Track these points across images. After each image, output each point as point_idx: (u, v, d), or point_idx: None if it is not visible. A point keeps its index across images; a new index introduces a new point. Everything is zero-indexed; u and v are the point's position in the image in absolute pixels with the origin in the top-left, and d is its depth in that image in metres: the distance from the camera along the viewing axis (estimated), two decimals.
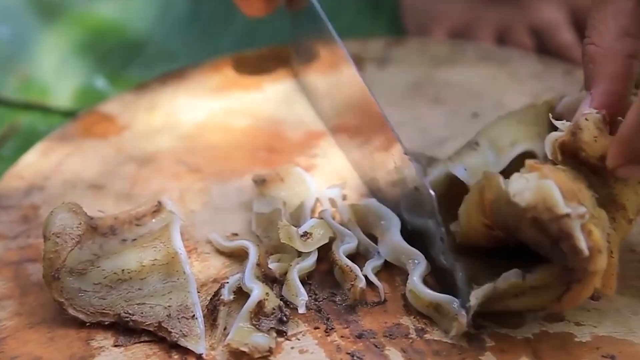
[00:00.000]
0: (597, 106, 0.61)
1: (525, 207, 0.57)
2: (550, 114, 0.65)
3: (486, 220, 0.61)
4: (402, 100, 0.83)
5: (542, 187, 0.57)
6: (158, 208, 0.69)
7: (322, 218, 0.68)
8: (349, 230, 0.68)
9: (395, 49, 0.92)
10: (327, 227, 0.67)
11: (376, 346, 0.61)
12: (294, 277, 0.64)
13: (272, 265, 0.65)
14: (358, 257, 0.68)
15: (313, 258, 0.66)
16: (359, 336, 0.62)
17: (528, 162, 0.60)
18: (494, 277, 0.60)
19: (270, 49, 0.92)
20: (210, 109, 0.85)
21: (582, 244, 0.56)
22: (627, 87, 0.61)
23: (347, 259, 0.65)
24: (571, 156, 0.61)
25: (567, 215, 0.56)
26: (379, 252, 0.67)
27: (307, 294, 0.64)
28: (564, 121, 0.63)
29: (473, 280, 0.61)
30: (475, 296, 0.60)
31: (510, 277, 0.60)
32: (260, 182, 0.72)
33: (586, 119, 0.61)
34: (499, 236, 0.62)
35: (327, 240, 0.67)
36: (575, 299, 0.60)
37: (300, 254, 0.66)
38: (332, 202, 0.72)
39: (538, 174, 0.59)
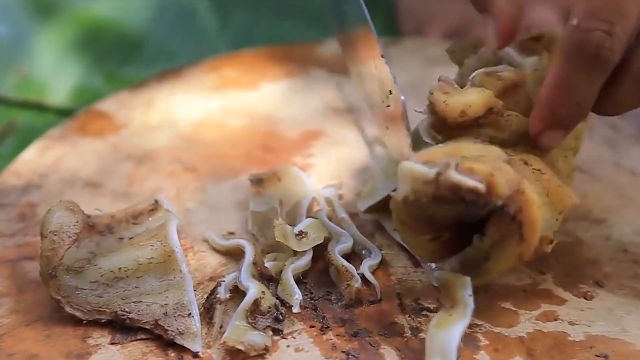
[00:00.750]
0: (501, 25, 0.63)
1: (406, 198, 0.59)
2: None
3: (425, 235, 0.62)
4: None
5: (405, 172, 0.59)
6: (155, 207, 0.69)
7: (317, 218, 0.68)
8: (344, 230, 0.69)
9: (390, 49, 0.92)
10: (322, 227, 0.68)
11: (371, 345, 0.61)
12: (289, 276, 0.65)
13: (268, 264, 0.66)
14: (353, 256, 0.68)
15: (308, 257, 0.66)
16: (355, 335, 0.62)
17: (415, 156, 0.61)
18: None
19: (267, 49, 0.93)
20: (207, 108, 0.85)
21: (470, 182, 0.57)
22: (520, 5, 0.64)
23: (342, 259, 0.66)
24: (448, 129, 0.63)
25: (439, 174, 0.58)
26: (375, 251, 0.68)
27: (303, 292, 0.65)
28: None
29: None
30: (450, 262, 0.62)
31: (473, 243, 0.61)
32: (257, 182, 0.73)
33: (431, 93, 0.63)
34: (450, 238, 0.63)
35: (322, 240, 0.67)
36: (532, 224, 0.60)
37: (295, 253, 0.66)
38: (328, 201, 0.72)
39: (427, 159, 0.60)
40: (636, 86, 0.61)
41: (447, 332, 0.59)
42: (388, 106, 0.67)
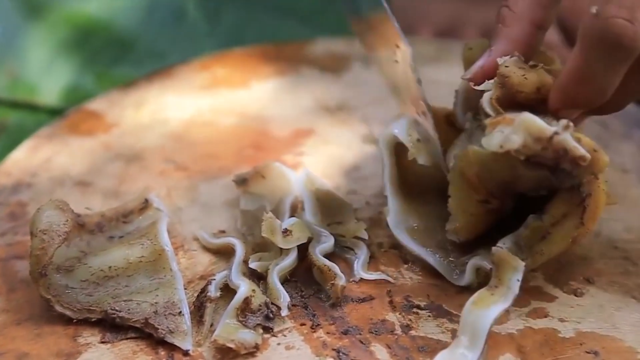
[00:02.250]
0: (493, 62, 0.63)
1: (518, 149, 0.58)
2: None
3: (479, 196, 0.62)
4: (388, 99, 0.83)
5: (523, 122, 0.58)
6: (145, 205, 0.69)
7: (299, 218, 0.68)
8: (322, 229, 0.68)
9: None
10: (305, 227, 0.67)
11: (362, 342, 0.61)
12: (274, 280, 0.64)
13: (252, 265, 0.65)
14: (334, 255, 0.68)
15: (292, 256, 0.66)
16: (345, 332, 0.62)
17: (487, 120, 0.61)
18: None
19: (257, 48, 0.93)
20: (198, 106, 0.85)
21: (581, 150, 0.57)
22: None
23: (324, 259, 0.65)
24: (512, 105, 0.62)
25: (556, 133, 0.57)
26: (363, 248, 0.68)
27: (293, 290, 0.65)
28: (486, 82, 0.64)
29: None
30: (503, 242, 0.62)
31: (529, 223, 0.62)
32: (242, 182, 0.72)
33: (506, 66, 0.62)
34: (495, 208, 0.63)
35: (305, 240, 0.66)
36: (595, 212, 0.61)
37: (281, 252, 0.66)
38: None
39: (505, 123, 0.60)
40: None
41: (483, 310, 0.59)
42: (396, 61, 0.68)
